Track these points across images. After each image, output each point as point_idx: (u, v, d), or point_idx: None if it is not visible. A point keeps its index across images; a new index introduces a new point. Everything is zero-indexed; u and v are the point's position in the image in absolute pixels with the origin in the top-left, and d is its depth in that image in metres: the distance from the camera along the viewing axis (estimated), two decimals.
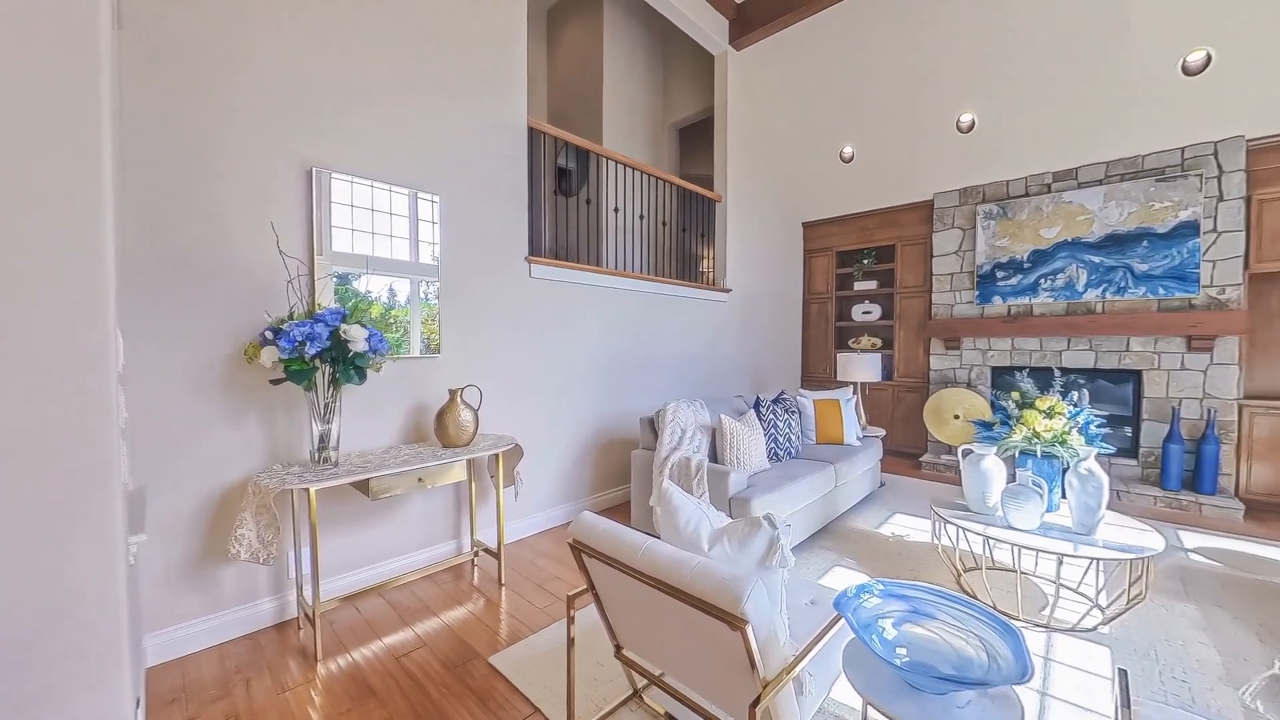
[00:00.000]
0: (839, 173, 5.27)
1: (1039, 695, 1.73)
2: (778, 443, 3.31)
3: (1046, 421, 2.39)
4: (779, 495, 2.69)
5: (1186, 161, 3.76)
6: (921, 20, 3.92)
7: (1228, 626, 2.13)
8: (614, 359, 3.74)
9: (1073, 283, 4.18)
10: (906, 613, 1.35)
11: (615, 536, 1.29)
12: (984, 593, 2.39)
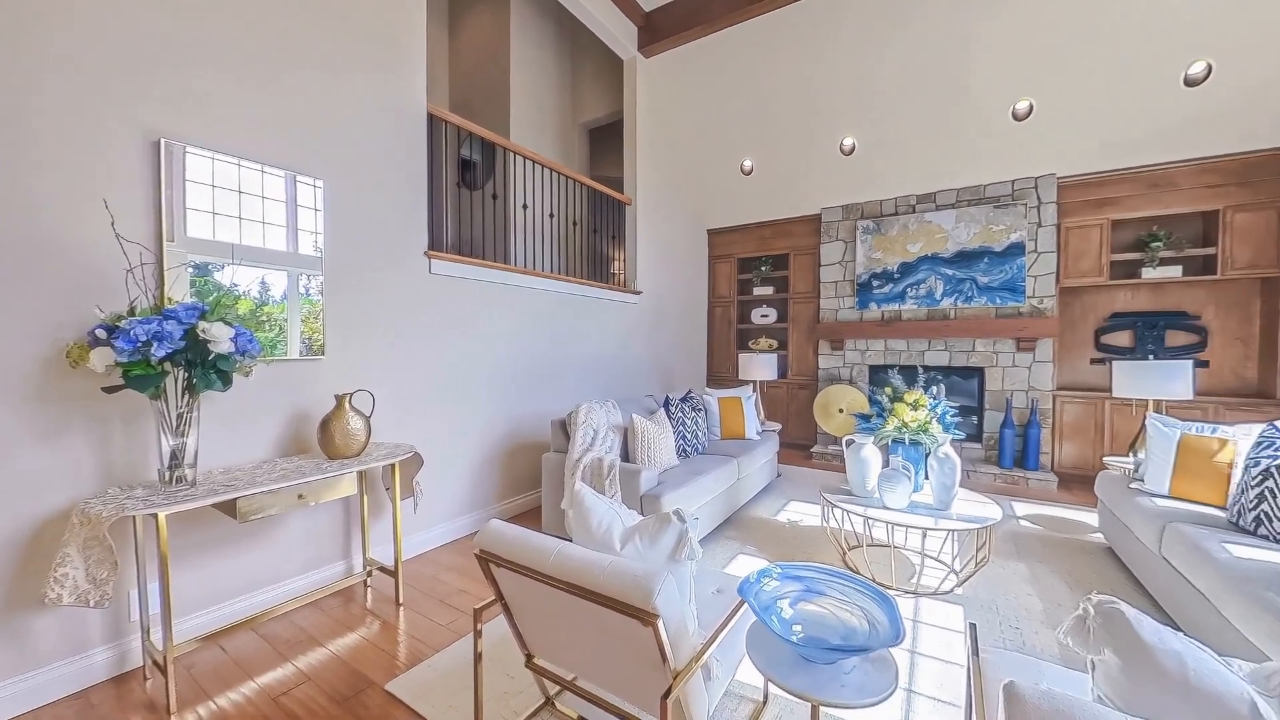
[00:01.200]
0: (740, 184, 5.60)
1: (909, 654, 1.96)
2: (686, 440, 3.43)
3: (913, 413, 2.73)
4: (688, 490, 2.79)
5: (1015, 192, 4.50)
6: (812, 53, 4.29)
7: (1047, 578, 2.58)
8: (524, 360, 3.64)
9: (932, 292, 4.82)
10: (801, 592, 1.46)
11: (525, 543, 1.26)
12: (865, 567, 2.67)
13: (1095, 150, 4.17)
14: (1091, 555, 2.86)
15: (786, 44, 4.32)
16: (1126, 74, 3.69)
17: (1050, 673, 1.20)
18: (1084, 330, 4.54)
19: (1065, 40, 3.65)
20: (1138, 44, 3.53)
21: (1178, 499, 2.44)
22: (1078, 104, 3.94)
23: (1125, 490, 2.67)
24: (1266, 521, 1.99)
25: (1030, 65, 3.85)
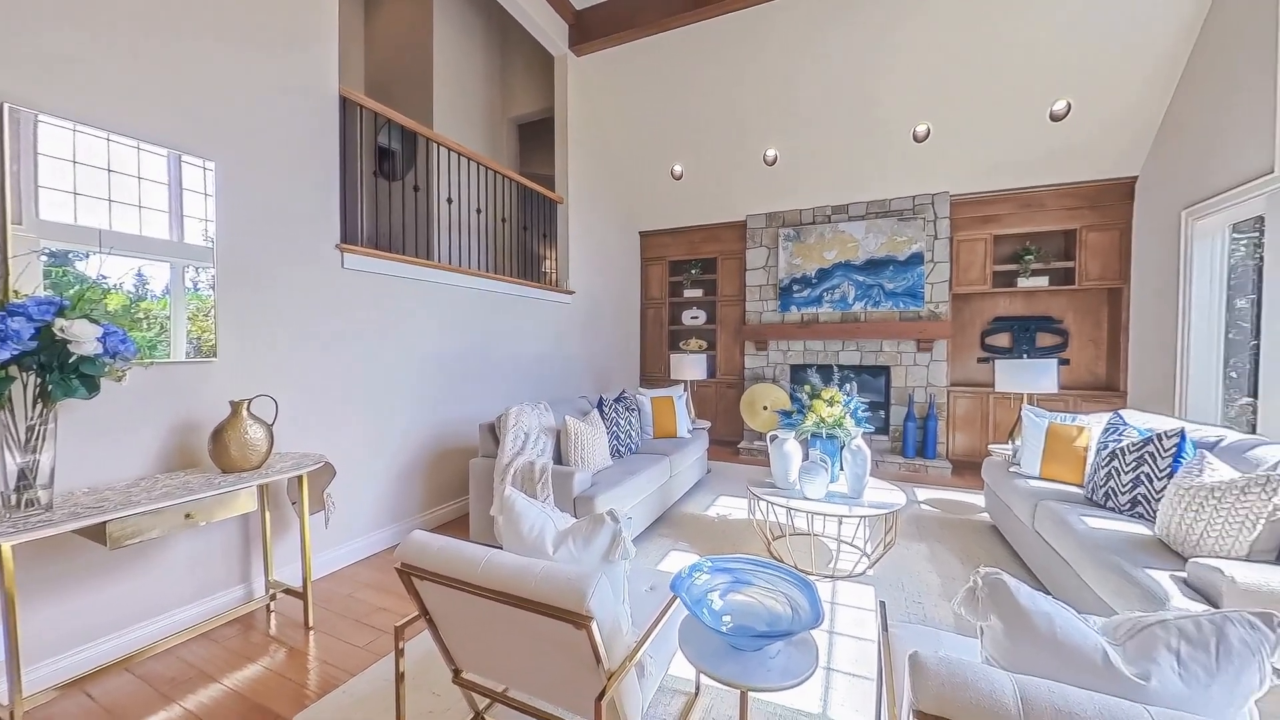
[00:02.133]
0: (671, 188, 5.72)
1: (828, 635, 2.10)
2: (619, 440, 3.44)
3: (829, 409, 2.92)
4: (621, 490, 2.80)
5: (916, 207, 4.96)
6: (739, 65, 4.46)
7: (944, 556, 2.86)
8: (450, 362, 3.48)
9: (845, 297, 5.19)
10: (730, 583, 1.52)
11: (452, 553, 1.21)
12: (788, 555, 2.82)
13: (981, 173, 4.69)
14: (980, 533, 3.22)
15: (714, 55, 4.46)
16: (1005, 107, 4.19)
17: (948, 641, 1.33)
18: (972, 332, 5.09)
19: (957, 74, 4.08)
20: (1014, 82, 4.02)
21: (1047, 480, 2.81)
22: (967, 131, 4.42)
23: (1006, 474, 3.02)
24: (1113, 496, 2.34)
25: (928, 93, 4.26)
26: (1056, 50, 3.79)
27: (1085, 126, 4.16)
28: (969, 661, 0.77)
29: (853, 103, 4.47)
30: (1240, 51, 3.18)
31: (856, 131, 4.66)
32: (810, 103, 4.56)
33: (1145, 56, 3.71)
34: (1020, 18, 3.69)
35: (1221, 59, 3.35)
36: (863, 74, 4.27)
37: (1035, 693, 0.70)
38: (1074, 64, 3.84)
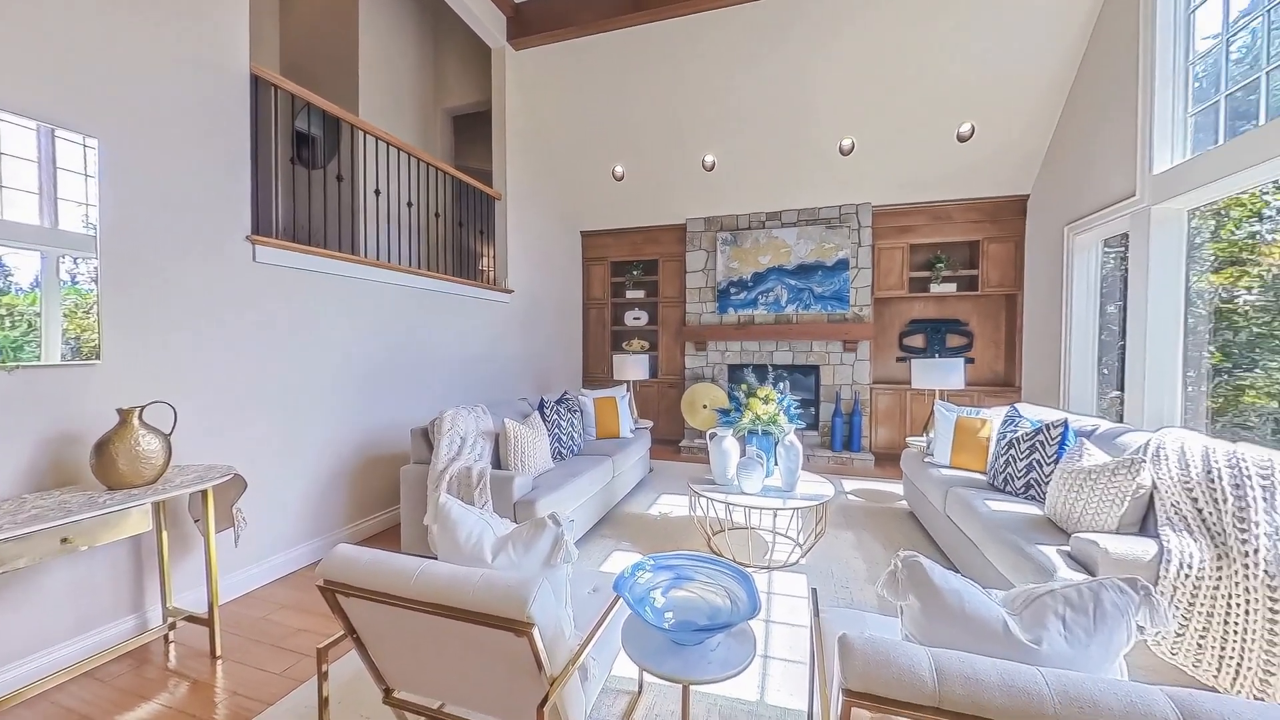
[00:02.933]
0: (613, 189, 5.72)
1: (765, 624, 2.18)
2: (561, 442, 3.40)
3: (764, 407, 3.04)
4: (563, 493, 2.77)
5: (842, 216, 5.27)
6: (679, 71, 4.54)
7: (869, 543, 3.06)
8: (379, 363, 3.29)
9: (779, 300, 5.42)
10: (672, 580, 1.54)
11: (382, 567, 1.14)
12: (727, 549, 2.90)
13: (899, 186, 5.06)
14: (900, 519, 3.47)
15: (655, 59, 4.52)
16: (920, 127, 4.55)
17: (872, 622, 1.42)
18: (891, 334, 5.48)
19: (878, 94, 4.37)
20: (928, 104, 4.37)
21: (956, 468, 3.07)
22: (887, 147, 4.75)
23: (921, 464, 3.28)
24: (1010, 481, 2.61)
25: (853, 110, 4.54)
26: (963, 77, 4.17)
27: (987, 148, 4.60)
28: (891, 640, 0.83)
29: (785, 115, 4.68)
30: (1109, 89, 3.64)
31: (788, 142, 4.88)
32: (746, 112, 4.73)
33: (1035, 88, 4.16)
34: (932, 45, 4.02)
35: (1095, 95, 3.83)
36: (794, 88, 4.48)
37: (948, 664, 0.76)
38: (978, 91, 4.24)
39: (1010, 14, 3.77)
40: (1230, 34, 2.97)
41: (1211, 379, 3.16)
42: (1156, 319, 3.22)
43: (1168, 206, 3.15)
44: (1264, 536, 1.56)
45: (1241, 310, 3.05)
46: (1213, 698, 0.67)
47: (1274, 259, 2.87)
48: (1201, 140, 3.08)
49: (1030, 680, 0.72)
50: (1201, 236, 3.17)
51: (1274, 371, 2.87)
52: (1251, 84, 2.79)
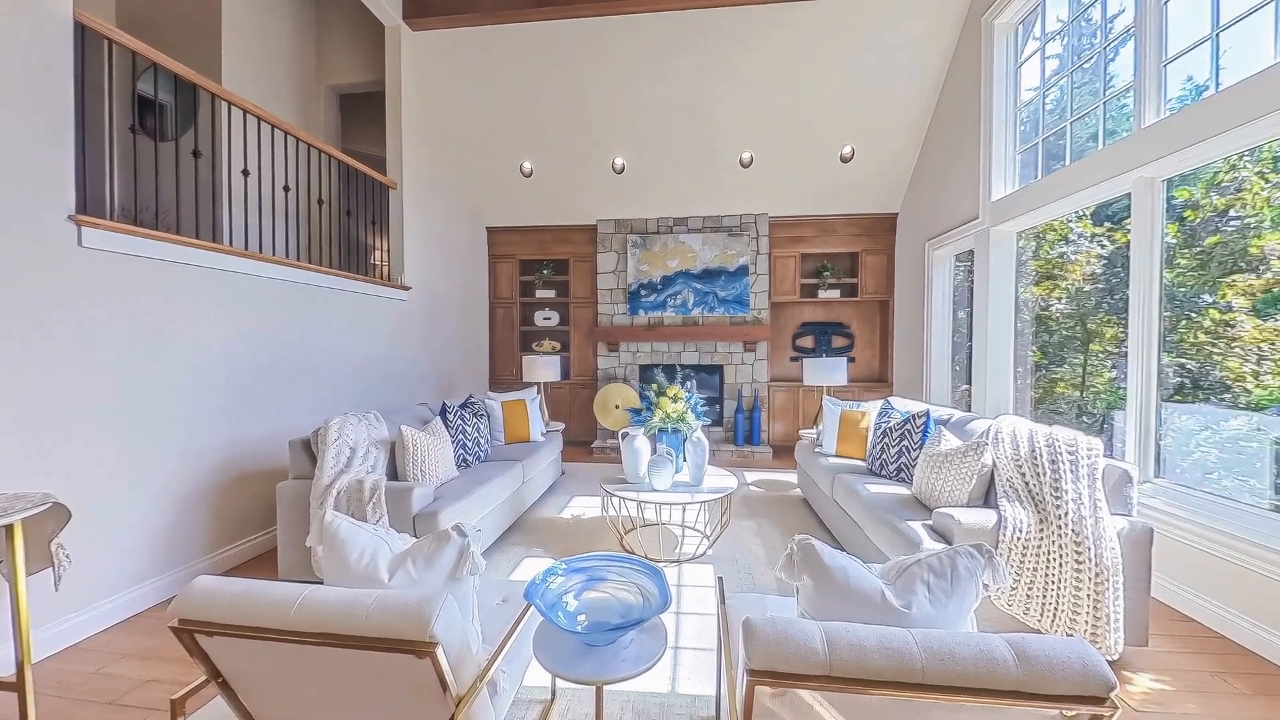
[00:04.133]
0: (521, 185, 5.56)
1: (676, 616, 2.25)
2: (466, 448, 3.24)
3: (674, 405, 3.14)
4: (469, 502, 2.64)
5: (742, 224, 5.59)
6: (587, 71, 4.53)
7: (769, 530, 3.28)
8: (252, 368, 2.90)
9: (686, 302, 5.63)
10: (585, 582, 1.53)
11: (254, 598, 1.01)
12: (639, 547, 2.95)
13: (791, 199, 5.49)
14: (794, 506, 3.76)
15: (565, 56, 4.47)
16: (810, 146, 4.96)
17: (772, 604, 1.53)
18: (785, 335, 5.93)
19: (773, 113, 4.70)
20: (816, 126, 4.78)
21: (841, 456, 3.40)
22: (781, 163, 5.13)
23: (812, 454, 3.58)
24: (885, 466, 2.93)
25: (752, 126, 4.84)
26: (845, 105, 4.62)
27: (865, 169, 5.14)
28: (789, 618, 0.89)
29: (691, 124, 4.86)
30: (959, 126, 4.25)
31: (694, 151, 5.08)
32: (655, 118, 4.85)
33: (901, 120, 4.72)
34: (819, 74, 4.40)
35: (948, 129, 4.44)
36: (700, 100, 4.67)
37: (836, 634, 0.84)
38: (857, 118, 4.72)
39: (881, 52, 4.25)
40: (1045, 88, 3.60)
41: (1034, 373, 3.81)
42: (994, 323, 3.81)
43: (1002, 229, 3.74)
44: (1071, 502, 1.91)
45: (1054, 317, 3.71)
46: (1037, 638, 0.81)
47: (1075, 276, 3.53)
48: (1026, 174, 3.70)
49: (903, 641, 0.82)
50: (1026, 255, 3.81)
51: (1076, 367, 3.53)
52: (1060, 131, 3.41)
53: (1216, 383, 2.60)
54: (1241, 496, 2.32)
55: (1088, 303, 3.43)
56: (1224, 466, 2.51)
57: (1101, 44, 3.11)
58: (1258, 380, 2.48)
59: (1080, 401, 3.45)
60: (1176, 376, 2.67)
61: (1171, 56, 2.57)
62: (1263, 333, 2.46)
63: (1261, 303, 2.49)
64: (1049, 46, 3.57)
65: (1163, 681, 1.84)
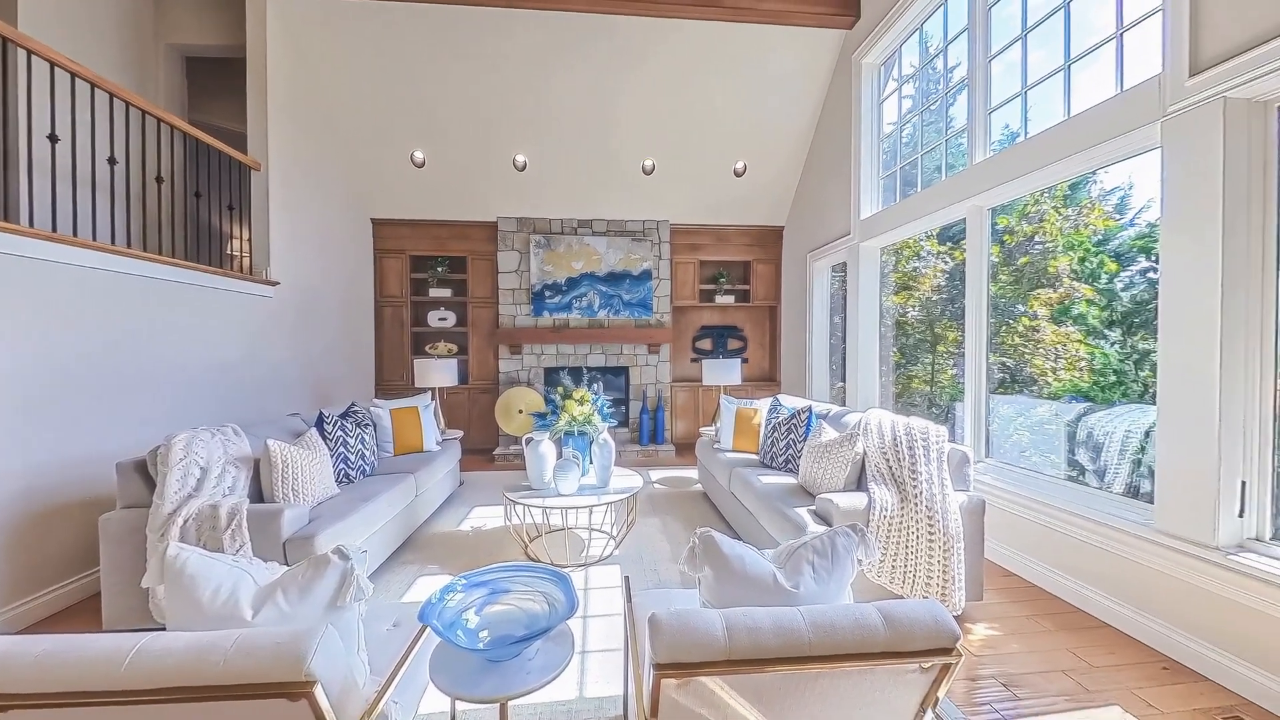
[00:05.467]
0: (413, 175, 5.19)
1: (583, 620, 2.23)
2: (349, 462, 2.94)
3: (580, 408, 3.12)
4: (352, 521, 2.40)
5: (645, 230, 5.73)
6: (486, 62, 4.35)
7: (673, 525, 3.38)
8: (67, 377, 2.37)
9: (591, 305, 5.63)
10: (487, 596, 1.47)
11: (67, 657, 0.83)
12: (545, 554, 2.89)
13: (690, 208, 5.73)
14: (696, 501, 3.92)
15: (466, 44, 4.25)
16: (706, 159, 5.22)
17: (676, 597, 1.58)
18: (686, 338, 6.18)
19: (673, 124, 4.88)
20: (712, 140, 5.05)
21: (738, 451, 3.61)
22: (681, 173, 5.34)
23: (711, 450, 3.76)
24: (775, 458, 3.17)
25: (654, 135, 4.98)
26: (738, 122, 4.93)
27: (755, 184, 5.52)
28: (691, 610, 0.93)
29: (595, 128, 4.88)
30: (834, 149, 4.73)
31: (598, 155, 5.11)
32: (558, 118, 4.79)
33: (787, 140, 5.15)
34: (714, 90, 4.65)
35: (826, 152, 4.92)
36: (603, 104, 4.71)
37: (734, 619, 0.89)
38: (748, 135, 5.06)
39: (767, 77, 4.61)
40: (902, 123, 4.14)
41: (895, 371, 4.35)
42: (863, 328, 4.29)
43: (869, 245, 4.23)
44: (924, 482, 2.21)
45: (910, 322, 4.26)
46: (900, 603, 0.92)
47: (925, 288, 4.10)
48: (888, 197, 4.22)
49: (793, 619, 0.89)
50: (888, 268, 4.35)
51: (926, 365, 4.09)
52: (913, 161, 3.93)
53: (1027, 377, 3.17)
54: (1045, 470, 2.85)
55: (935, 310, 4.00)
56: (1033, 446, 3.06)
57: (943, 90, 3.65)
58: (1055, 375, 3.06)
59: (930, 395, 4.01)
60: (999, 373, 3.21)
61: (994, 106, 3.10)
62: (1058, 336, 3.05)
63: (1056, 312, 3.08)
64: (905, 88, 4.12)
65: (994, 629, 2.19)
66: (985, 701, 1.74)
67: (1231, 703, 1.72)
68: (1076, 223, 3.08)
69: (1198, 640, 1.89)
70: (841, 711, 0.92)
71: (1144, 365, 2.65)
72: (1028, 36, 2.87)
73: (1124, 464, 2.51)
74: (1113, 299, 2.93)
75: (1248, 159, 1.83)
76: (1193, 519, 1.91)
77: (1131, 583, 2.13)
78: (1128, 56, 2.34)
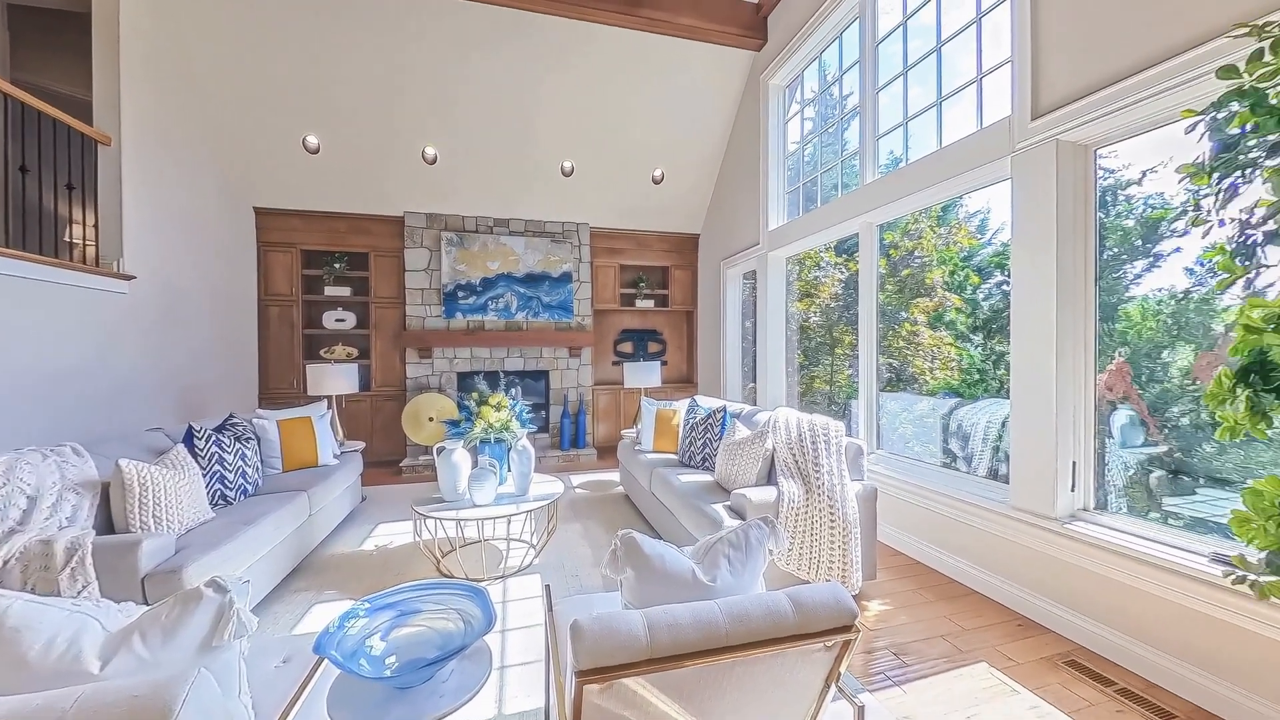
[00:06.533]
0: (305, 162, 4.72)
1: (501, 634, 2.15)
2: (227, 481, 2.60)
3: (497, 414, 3.01)
4: (231, 548, 2.12)
5: (565, 231, 5.67)
6: (390, 42, 4.07)
7: (595, 529, 3.36)
8: None
9: (509, 306, 5.46)
10: (395, 619, 1.36)
11: None
12: (460, 569, 2.74)
13: (611, 213, 5.77)
14: (618, 504, 3.93)
15: (364, 20, 3.94)
16: (626, 165, 5.28)
17: (599, 602, 1.57)
18: (608, 341, 6.20)
19: (593, 128, 4.89)
20: (631, 147, 5.12)
21: (658, 452, 3.67)
22: (601, 176, 5.35)
23: (633, 452, 3.80)
24: (694, 457, 3.27)
25: (573, 137, 4.95)
26: (656, 130, 5.05)
27: (673, 192, 5.68)
28: (613, 612, 0.93)
29: (512, 125, 4.75)
30: (744, 163, 4.99)
31: (515, 153, 4.98)
32: (473, 113, 4.60)
33: (702, 150, 5.36)
34: (633, 98, 4.73)
35: (737, 165, 5.18)
36: (522, 102, 4.60)
37: (655, 618, 0.91)
38: (666, 144, 5.19)
39: (683, 90, 4.77)
40: (804, 143, 4.47)
41: (799, 372, 4.67)
42: (771, 332, 4.56)
43: (776, 254, 4.51)
44: (826, 474, 2.39)
45: (812, 327, 4.60)
46: (807, 588, 0.99)
47: (825, 295, 4.45)
48: (792, 211, 4.53)
49: (710, 612, 0.92)
50: (793, 277, 4.67)
51: (826, 366, 4.43)
52: (814, 179, 4.26)
53: (910, 376, 3.55)
54: (925, 458, 3.20)
55: (833, 316, 4.35)
56: (916, 438, 3.44)
57: (839, 116, 4.00)
58: (932, 374, 3.46)
59: (830, 393, 4.36)
60: (887, 373, 3.57)
61: (882, 133, 3.44)
62: (934, 340, 3.46)
63: (932, 319, 3.49)
64: (807, 110, 4.45)
65: (886, 604, 2.42)
66: (879, 670, 1.92)
67: (1069, 649, 2.04)
68: (948, 240, 3.52)
69: (1044, 599, 2.22)
70: (757, 695, 0.97)
71: (1000, 365, 3.08)
72: (908, 74, 3.23)
73: (986, 450, 2.89)
74: (976, 307, 3.38)
75: (1074, 193, 2.20)
76: (1037, 495, 2.24)
77: (993, 553, 2.46)
78: (987, 98, 2.71)
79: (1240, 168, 1.09)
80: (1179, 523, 1.99)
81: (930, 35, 3.04)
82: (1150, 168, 2.14)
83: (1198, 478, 2.03)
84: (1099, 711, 1.70)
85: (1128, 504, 2.17)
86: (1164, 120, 1.92)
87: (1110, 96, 1.97)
